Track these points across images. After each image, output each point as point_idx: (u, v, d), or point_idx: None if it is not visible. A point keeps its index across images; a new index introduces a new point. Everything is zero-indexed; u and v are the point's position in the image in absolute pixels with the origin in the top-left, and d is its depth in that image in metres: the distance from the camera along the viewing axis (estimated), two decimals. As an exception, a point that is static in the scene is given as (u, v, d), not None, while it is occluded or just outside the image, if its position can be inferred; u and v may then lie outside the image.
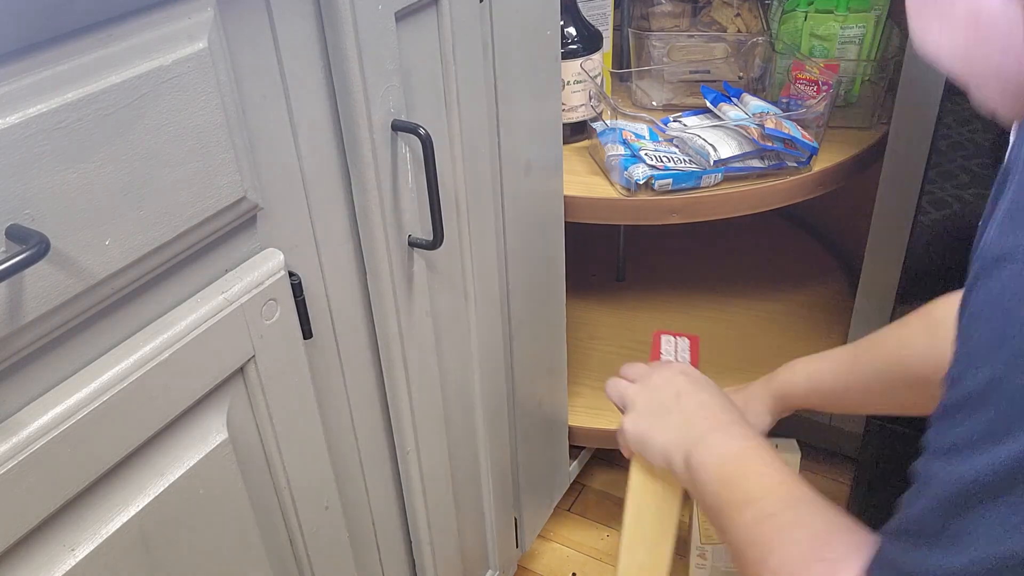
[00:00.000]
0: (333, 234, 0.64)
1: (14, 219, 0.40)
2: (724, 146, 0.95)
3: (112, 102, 0.43)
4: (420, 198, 0.69)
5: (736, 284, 1.43)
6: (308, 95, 0.58)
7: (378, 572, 0.81)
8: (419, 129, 0.63)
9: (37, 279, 0.42)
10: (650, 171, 0.95)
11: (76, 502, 0.48)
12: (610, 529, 1.31)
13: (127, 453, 0.49)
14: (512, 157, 0.84)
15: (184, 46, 0.47)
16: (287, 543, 0.66)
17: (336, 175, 0.62)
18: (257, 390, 0.58)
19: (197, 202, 0.49)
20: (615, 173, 0.99)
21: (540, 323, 1.00)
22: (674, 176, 0.95)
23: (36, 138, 0.40)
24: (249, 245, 0.56)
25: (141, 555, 0.52)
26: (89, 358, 0.48)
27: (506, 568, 1.09)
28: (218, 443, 0.55)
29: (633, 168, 0.96)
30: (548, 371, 1.06)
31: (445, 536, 0.89)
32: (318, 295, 0.63)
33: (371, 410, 0.74)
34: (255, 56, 0.53)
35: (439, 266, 0.76)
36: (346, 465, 0.72)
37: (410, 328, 0.72)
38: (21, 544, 0.45)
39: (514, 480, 1.04)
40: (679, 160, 0.97)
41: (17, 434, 0.44)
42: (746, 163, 0.96)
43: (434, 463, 0.82)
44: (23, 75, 0.40)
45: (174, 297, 0.52)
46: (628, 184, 0.96)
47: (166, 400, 0.51)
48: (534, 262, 0.94)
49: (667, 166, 0.95)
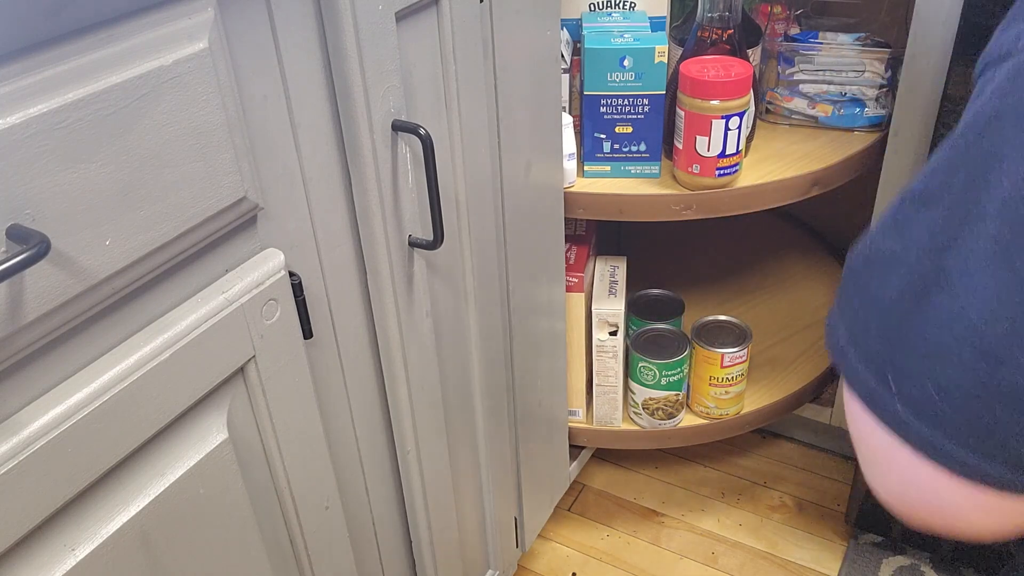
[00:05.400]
0: (333, 234, 0.64)
1: (15, 219, 0.40)
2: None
3: (112, 102, 0.43)
4: (420, 198, 0.69)
5: (736, 284, 1.43)
6: (308, 95, 0.58)
7: (378, 572, 0.81)
8: (419, 129, 0.63)
9: (37, 279, 0.42)
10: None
11: (76, 502, 0.48)
12: (610, 529, 1.31)
13: (127, 453, 0.49)
14: (512, 157, 0.84)
15: (184, 46, 0.47)
16: (287, 543, 0.66)
17: (336, 175, 0.62)
18: (257, 390, 0.58)
19: (197, 202, 0.49)
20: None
21: (540, 323, 1.00)
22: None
23: (37, 138, 0.40)
24: (249, 245, 0.56)
25: (141, 555, 0.52)
26: (89, 358, 0.48)
27: (506, 568, 1.09)
28: (218, 443, 0.55)
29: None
30: (548, 371, 1.06)
31: (445, 536, 0.89)
32: (318, 295, 0.63)
33: (371, 410, 0.74)
34: (255, 56, 0.53)
35: (439, 266, 0.76)
36: (346, 465, 0.72)
37: (410, 328, 0.72)
38: (21, 544, 0.46)
39: (514, 480, 1.04)
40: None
41: (17, 434, 0.44)
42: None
43: (434, 463, 0.82)
44: (24, 75, 0.40)
45: (174, 297, 0.52)
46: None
47: (166, 400, 0.51)
48: (534, 261, 0.94)
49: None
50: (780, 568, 1.24)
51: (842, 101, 1.07)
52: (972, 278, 0.36)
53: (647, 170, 1.01)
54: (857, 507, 1.25)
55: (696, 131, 0.93)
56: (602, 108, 0.97)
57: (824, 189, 1.02)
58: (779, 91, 1.10)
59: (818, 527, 1.30)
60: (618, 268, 1.16)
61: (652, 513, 1.34)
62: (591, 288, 1.13)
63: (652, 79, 0.95)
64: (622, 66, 0.94)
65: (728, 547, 1.28)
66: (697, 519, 1.32)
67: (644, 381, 1.15)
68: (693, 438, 1.21)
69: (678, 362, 1.13)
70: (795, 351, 1.31)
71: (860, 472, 1.21)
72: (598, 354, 1.12)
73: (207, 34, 0.48)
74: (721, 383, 1.16)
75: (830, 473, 1.39)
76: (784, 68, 1.09)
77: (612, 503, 1.35)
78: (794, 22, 1.14)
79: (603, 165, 1.02)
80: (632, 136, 0.99)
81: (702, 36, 0.97)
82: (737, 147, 0.94)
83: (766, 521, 1.32)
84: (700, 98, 0.91)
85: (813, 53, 1.06)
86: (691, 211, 0.97)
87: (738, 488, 1.38)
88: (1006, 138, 0.36)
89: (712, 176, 0.95)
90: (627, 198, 0.99)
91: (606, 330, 1.10)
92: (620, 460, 1.43)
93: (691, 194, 0.98)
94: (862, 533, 1.27)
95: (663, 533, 1.30)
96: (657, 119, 0.98)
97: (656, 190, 0.99)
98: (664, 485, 1.38)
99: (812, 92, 1.08)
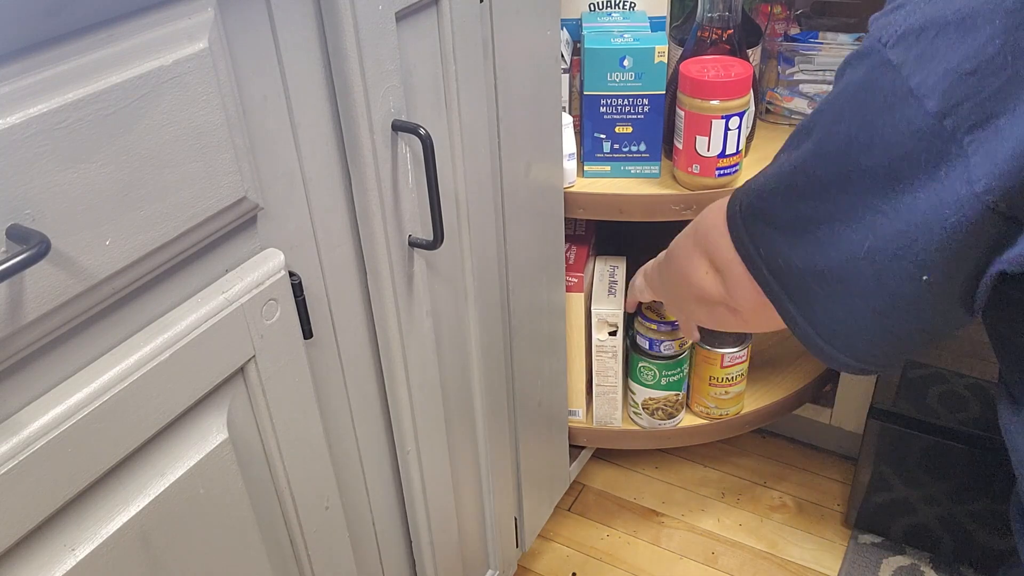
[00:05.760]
0: (333, 234, 0.64)
1: (15, 219, 0.40)
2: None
3: (112, 102, 0.43)
4: (420, 198, 0.69)
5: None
6: (308, 95, 0.58)
7: (378, 572, 0.81)
8: (419, 129, 0.63)
9: (37, 279, 0.42)
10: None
11: (76, 502, 0.48)
12: (610, 529, 1.31)
13: (127, 453, 0.49)
14: (512, 157, 0.84)
15: (184, 46, 0.47)
16: (287, 543, 0.66)
17: (336, 175, 0.62)
18: (257, 390, 0.58)
19: (197, 202, 0.49)
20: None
21: (540, 323, 1.00)
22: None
23: (37, 138, 0.40)
24: (249, 245, 0.56)
25: (141, 555, 0.52)
26: (89, 358, 0.48)
27: (506, 568, 1.09)
28: (218, 443, 0.55)
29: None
30: (548, 371, 1.06)
31: (445, 536, 0.89)
32: (318, 295, 0.63)
33: (371, 410, 0.74)
34: (255, 56, 0.53)
35: (439, 266, 0.76)
36: (346, 465, 0.72)
37: (410, 328, 0.72)
38: (21, 544, 0.46)
39: (514, 480, 1.04)
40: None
41: (17, 434, 0.44)
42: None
43: (434, 463, 0.82)
44: (24, 75, 0.40)
45: (174, 297, 0.52)
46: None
47: (166, 400, 0.51)
48: (534, 261, 0.94)
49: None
50: (780, 568, 1.24)
51: (842, 101, 1.06)
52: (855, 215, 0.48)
53: (647, 170, 1.01)
54: (857, 507, 1.25)
55: (696, 131, 0.93)
56: (602, 108, 0.97)
57: (824, 189, 1.02)
58: (779, 91, 1.10)
59: (818, 527, 1.30)
60: (618, 268, 1.16)
61: (652, 513, 1.34)
62: (591, 288, 1.13)
63: (652, 79, 0.95)
64: (622, 66, 0.94)
65: (728, 547, 1.28)
66: (697, 519, 1.32)
67: (644, 381, 1.15)
68: (693, 438, 1.21)
69: (678, 362, 1.13)
70: (795, 351, 1.31)
71: (860, 472, 1.21)
72: (598, 354, 1.12)
73: (207, 34, 0.48)
74: (721, 383, 1.16)
75: (830, 473, 1.40)
76: (784, 68, 1.09)
77: (612, 503, 1.35)
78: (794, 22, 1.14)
79: (603, 165, 1.02)
80: (632, 136, 0.99)
81: (702, 36, 0.97)
82: (737, 147, 0.94)
83: (766, 521, 1.32)
84: (700, 98, 0.91)
85: (813, 53, 1.06)
86: (691, 211, 0.97)
87: (738, 488, 1.38)
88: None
89: (712, 176, 0.95)
90: (627, 198, 0.99)
91: (606, 330, 1.10)
92: (620, 460, 1.43)
93: (691, 194, 0.98)
94: (862, 533, 1.27)
95: (663, 533, 1.30)
96: (657, 119, 0.98)
97: (656, 190, 0.99)
98: (664, 485, 1.38)
99: (812, 92, 1.08)
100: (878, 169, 0.45)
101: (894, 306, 0.49)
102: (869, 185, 0.46)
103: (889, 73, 0.44)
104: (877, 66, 0.45)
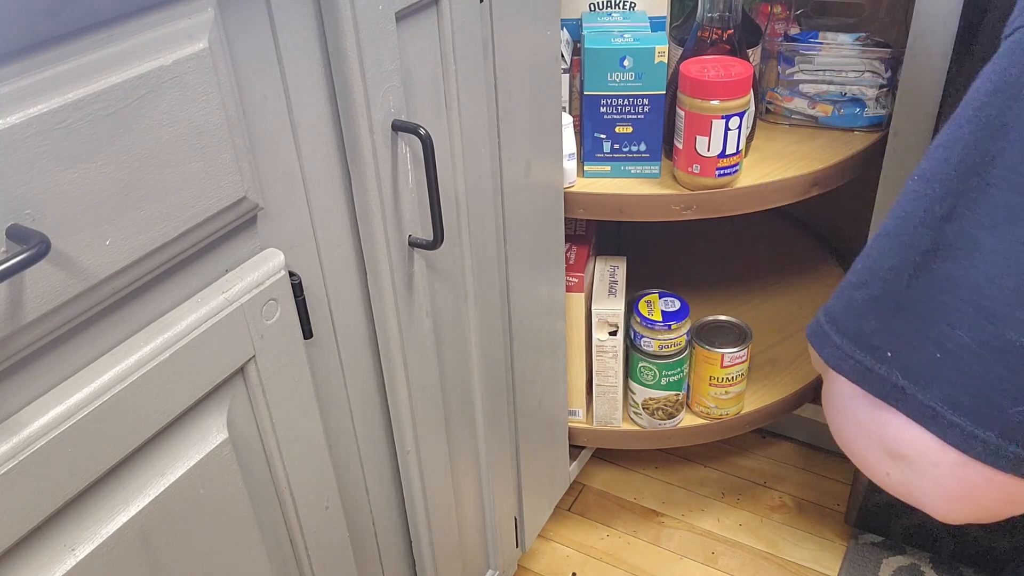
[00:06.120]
0: (333, 234, 0.64)
1: (15, 219, 0.40)
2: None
3: (112, 102, 0.43)
4: (420, 198, 0.69)
5: (736, 284, 1.43)
6: (308, 95, 0.58)
7: (378, 572, 0.81)
8: (419, 129, 0.63)
9: (37, 279, 0.42)
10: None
11: (76, 502, 0.48)
12: (610, 529, 1.31)
13: (127, 453, 0.49)
14: (512, 157, 0.84)
15: (184, 46, 0.47)
16: (287, 543, 0.66)
17: (336, 175, 0.62)
18: (257, 390, 0.58)
19: (197, 202, 0.49)
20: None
21: (540, 323, 1.00)
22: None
23: (37, 138, 0.40)
24: (249, 245, 0.56)
25: (141, 555, 0.52)
26: (89, 358, 0.48)
27: (506, 568, 1.09)
28: (218, 443, 0.55)
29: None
30: (548, 371, 1.06)
31: (445, 536, 0.89)
32: (318, 295, 0.63)
33: (371, 410, 0.74)
34: (255, 56, 0.53)
35: (439, 266, 0.76)
36: (346, 465, 0.72)
37: (410, 328, 0.72)
38: (21, 544, 0.46)
39: (514, 480, 1.04)
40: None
41: (17, 434, 0.44)
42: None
43: (434, 463, 0.82)
44: (24, 75, 0.40)
45: (174, 297, 0.52)
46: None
47: (166, 400, 0.51)
48: (534, 261, 0.94)
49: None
50: (780, 568, 1.24)
51: (842, 101, 1.07)
52: (977, 243, 0.37)
53: (647, 170, 1.01)
54: (857, 507, 1.25)
55: (696, 131, 0.93)
56: (602, 108, 0.97)
57: (824, 189, 1.02)
58: (779, 91, 1.10)
59: (818, 527, 1.30)
60: (618, 268, 1.16)
61: (652, 513, 1.34)
62: (591, 288, 1.13)
63: (652, 79, 0.95)
64: (622, 66, 0.94)
65: (728, 547, 1.28)
66: (697, 519, 1.32)
67: (644, 381, 1.15)
68: (693, 438, 1.21)
69: (678, 362, 1.13)
70: (795, 351, 1.31)
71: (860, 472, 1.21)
72: (598, 354, 1.12)
73: (207, 34, 0.48)
74: (721, 383, 1.16)
75: (830, 473, 1.39)
76: (784, 68, 1.09)
77: (612, 503, 1.35)
78: (794, 22, 1.14)
79: (603, 165, 1.01)
80: (632, 136, 0.99)
81: (702, 36, 0.97)
82: (737, 147, 0.94)
83: (766, 521, 1.32)
84: (700, 98, 0.91)
85: (813, 53, 1.06)
86: (691, 211, 0.97)
87: (738, 488, 1.38)
88: (1009, 109, 0.37)
89: (712, 176, 0.95)
90: (627, 198, 0.99)
91: (606, 330, 1.10)
92: (620, 460, 1.43)
93: (691, 194, 0.98)
94: (862, 533, 1.27)
95: (663, 533, 1.30)
96: (657, 119, 0.98)
97: (656, 190, 0.99)
98: (664, 485, 1.38)
99: (812, 92, 1.08)
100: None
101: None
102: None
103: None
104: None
